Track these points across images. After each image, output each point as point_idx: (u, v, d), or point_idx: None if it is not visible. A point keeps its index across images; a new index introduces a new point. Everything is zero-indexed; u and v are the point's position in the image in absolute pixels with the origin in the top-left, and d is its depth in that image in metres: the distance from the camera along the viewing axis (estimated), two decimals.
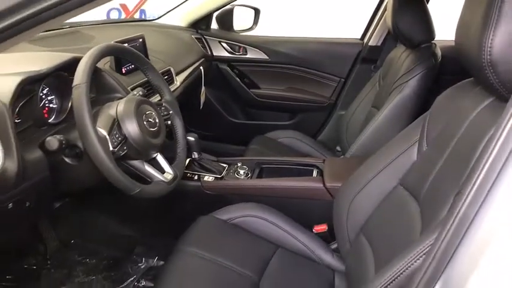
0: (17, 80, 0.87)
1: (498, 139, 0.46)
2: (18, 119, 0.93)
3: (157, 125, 0.99)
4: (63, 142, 0.87)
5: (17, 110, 0.91)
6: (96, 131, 0.81)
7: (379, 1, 2.03)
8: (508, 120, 0.45)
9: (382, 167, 1.02)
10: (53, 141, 0.86)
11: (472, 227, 0.49)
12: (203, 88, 1.97)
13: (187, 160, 1.36)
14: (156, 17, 2.13)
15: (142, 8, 4.60)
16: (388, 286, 0.67)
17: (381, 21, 2.00)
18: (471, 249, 0.50)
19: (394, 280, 0.66)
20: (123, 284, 1.43)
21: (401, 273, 0.65)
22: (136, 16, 4.55)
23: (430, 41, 1.53)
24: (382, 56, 1.99)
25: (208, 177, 1.41)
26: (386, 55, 1.81)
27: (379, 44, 2.04)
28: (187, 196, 1.40)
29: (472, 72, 0.75)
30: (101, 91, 1.11)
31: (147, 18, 2.30)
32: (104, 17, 3.67)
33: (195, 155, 1.39)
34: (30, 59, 0.96)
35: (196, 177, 1.41)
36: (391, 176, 1.00)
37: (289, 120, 2.23)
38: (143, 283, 1.43)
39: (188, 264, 1.07)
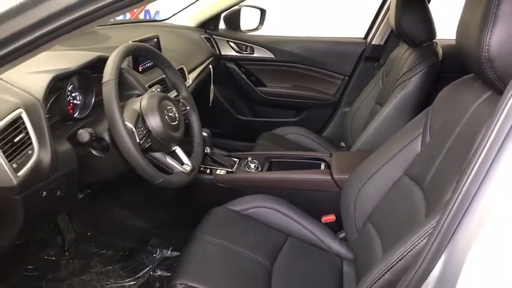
0: (49, 77, 0.93)
1: (495, 124, 0.52)
2: (47, 114, 1.00)
3: (177, 119, 1.06)
4: (93, 135, 0.94)
5: (48, 105, 0.97)
6: (125, 125, 0.87)
7: (382, 1, 2.09)
8: (504, 107, 0.51)
9: (388, 159, 1.08)
10: (84, 134, 0.92)
11: (473, 204, 0.55)
12: (212, 86, 2.03)
13: None
14: (166, 18, 2.19)
15: (146, 8, 4.66)
16: (395, 266, 0.73)
17: (383, 21, 2.06)
18: (471, 225, 0.55)
19: (400, 260, 0.72)
20: (139, 274, 1.49)
21: (408, 253, 0.71)
22: (141, 16, 4.62)
23: (432, 40, 1.58)
24: (385, 55, 2.04)
25: (220, 171, 1.47)
26: (389, 54, 1.87)
27: (382, 43, 2.10)
28: (200, 189, 1.46)
29: (472, 68, 0.82)
30: (121, 88, 1.17)
31: (155, 19, 2.35)
32: None
33: (208, 149, 1.46)
34: (58, 58, 1.02)
35: (208, 171, 1.47)
36: (397, 167, 1.05)
37: (295, 117, 2.29)
38: (159, 272, 1.49)
39: (205, 250, 1.13)
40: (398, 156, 1.06)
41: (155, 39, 1.49)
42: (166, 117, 1.01)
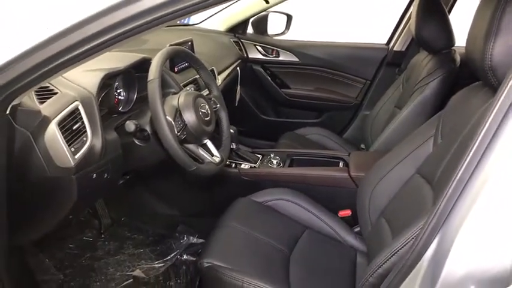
0: (101, 74, 1.07)
1: (487, 120, 0.59)
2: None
3: (209, 115, 1.18)
4: (137, 126, 1.07)
5: (99, 99, 1.11)
6: (166, 118, 0.99)
7: (404, 10, 2.15)
8: (497, 103, 0.59)
9: (402, 158, 1.16)
10: (130, 125, 1.06)
11: (464, 191, 0.62)
12: (239, 87, 2.15)
13: None
14: (197, 22, 2.33)
15: None
16: (400, 250, 0.81)
17: (405, 29, 2.12)
18: (462, 211, 0.62)
19: (405, 245, 0.80)
20: (167, 257, 1.62)
21: (411, 239, 0.79)
22: None
23: (450, 48, 1.63)
24: (406, 61, 2.10)
25: (244, 166, 1.59)
26: (409, 60, 1.92)
27: (403, 49, 2.16)
28: (226, 181, 1.57)
29: (478, 75, 0.90)
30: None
31: (187, 23, 2.49)
32: None
33: (233, 145, 1.57)
34: (108, 58, 1.15)
35: (234, 165, 1.59)
36: (409, 165, 1.13)
37: (317, 118, 2.38)
38: (185, 257, 1.62)
39: (229, 235, 1.24)
40: (412, 155, 1.14)
41: (189, 43, 1.63)
42: (200, 113, 1.13)
